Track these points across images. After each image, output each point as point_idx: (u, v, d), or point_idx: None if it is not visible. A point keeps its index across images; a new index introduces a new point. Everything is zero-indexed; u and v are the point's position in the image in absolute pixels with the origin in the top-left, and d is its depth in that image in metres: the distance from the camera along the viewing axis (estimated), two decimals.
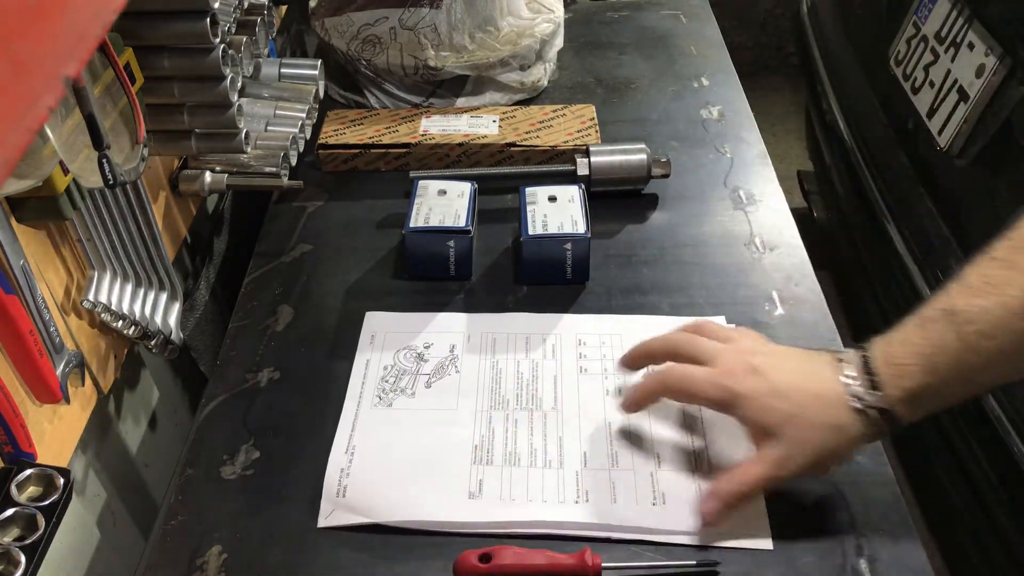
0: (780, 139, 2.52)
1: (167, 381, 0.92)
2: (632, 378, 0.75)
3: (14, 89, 0.24)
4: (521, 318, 0.84)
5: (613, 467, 0.70)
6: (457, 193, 0.90)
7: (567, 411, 0.75)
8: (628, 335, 0.81)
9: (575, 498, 0.68)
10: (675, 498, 0.67)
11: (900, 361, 0.60)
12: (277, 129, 0.93)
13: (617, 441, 0.72)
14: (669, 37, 1.30)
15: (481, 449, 0.72)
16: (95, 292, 0.71)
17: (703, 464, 0.70)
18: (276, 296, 0.88)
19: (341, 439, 0.73)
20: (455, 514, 0.67)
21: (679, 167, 1.01)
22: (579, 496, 0.68)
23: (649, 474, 0.69)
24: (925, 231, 1.37)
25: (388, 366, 0.80)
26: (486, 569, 0.61)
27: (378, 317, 0.85)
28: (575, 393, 0.76)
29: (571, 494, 0.68)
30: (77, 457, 0.72)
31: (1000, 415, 1.13)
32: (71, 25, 0.27)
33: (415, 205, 0.88)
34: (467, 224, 0.86)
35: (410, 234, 0.86)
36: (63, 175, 0.62)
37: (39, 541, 0.57)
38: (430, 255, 0.87)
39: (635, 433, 0.73)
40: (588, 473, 0.70)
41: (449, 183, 0.91)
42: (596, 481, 0.69)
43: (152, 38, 0.73)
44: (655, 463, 0.70)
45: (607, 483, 0.69)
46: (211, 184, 0.89)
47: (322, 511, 0.68)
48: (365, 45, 1.08)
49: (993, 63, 1.23)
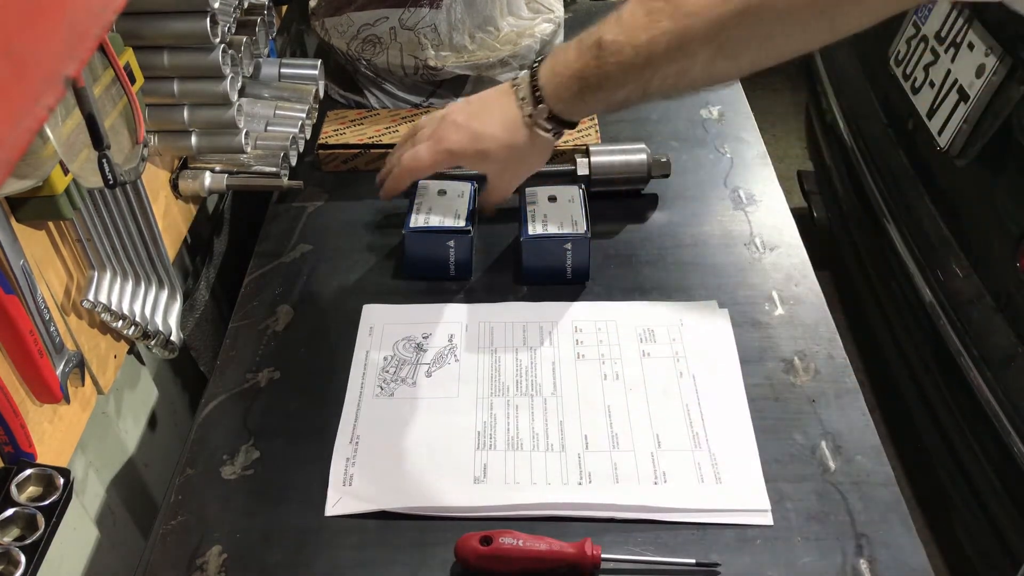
0: (780, 139, 2.52)
1: (167, 381, 0.92)
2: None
3: (14, 89, 0.24)
4: (518, 307, 0.85)
5: (614, 449, 0.72)
6: (457, 193, 0.90)
7: (566, 396, 0.76)
8: (623, 321, 0.83)
9: (578, 480, 0.69)
10: (676, 477, 0.69)
11: (559, 73, 0.74)
12: (277, 129, 0.92)
13: (617, 423, 0.74)
14: None
15: (484, 435, 0.73)
16: (95, 292, 0.71)
17: (702, 443, 0.72)
18: (276, 296, 0.88)
19: (345, 429, 0.74)
20: (461, 499, 0.68)
21: (679, 167, 1.01)
22: (582, 478, 0.69)
23: (650, 454, 0.71)
24: (925, 231, 1.37)
25: (388, 357, 0.80)
26: (487, 551, 0.62)
27: (376, 309, 0.85)
28: (573, 378, 0.78)
29: (574, 476, 0.70)
30: (77, 457, 0.72)
31: (1000, 415, 1.13)
32: (71, 25, 0.27)
33: (415, 205, 0.89)
34: (467, 224, 0.86)
35: (410, 234, 0.86)
36: (63, 175, 0.62)
37: (39, 541, 0.57)
38: (430, 255, 0.87)
39: (635, 415, 0.74)
40: (590, 455, 0.71)
41: (449, 183, 0.91)
42: (598, 463, 0.70)
43: (152, 38, 0.73)
44: (655, 443, 0.72)
45: (609, 464, 0.70)
46: (211, 184, 0.89)
47: (329, 500, 0.69)
48: (365, 45, 1.08)
49: (993, 63, 1.23)
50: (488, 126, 0.78)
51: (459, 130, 0.79)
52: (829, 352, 0.80)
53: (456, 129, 0.79)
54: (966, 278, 1.24)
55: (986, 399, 1.16)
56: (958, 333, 1.24)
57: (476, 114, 0.80)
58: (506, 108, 0.78)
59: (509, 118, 0.77)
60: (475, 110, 0.80)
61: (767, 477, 0.69)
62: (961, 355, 1.23)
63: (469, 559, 0.63)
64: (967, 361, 1.21)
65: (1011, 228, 1.15)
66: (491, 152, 0.79)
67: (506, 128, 0.78)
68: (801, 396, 0.76)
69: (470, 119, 0.79)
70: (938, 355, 1.31)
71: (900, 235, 1.44)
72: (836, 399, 0.76)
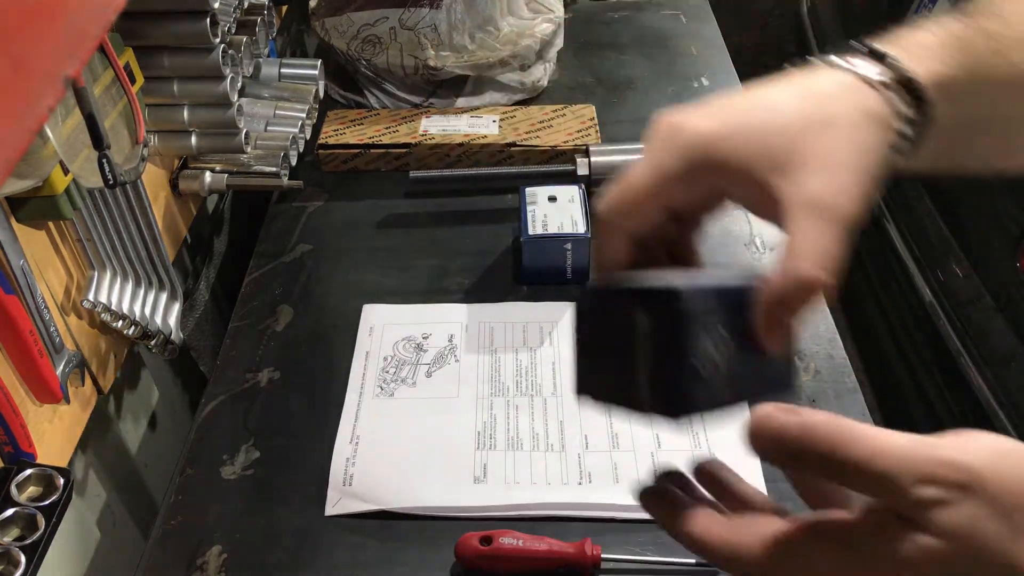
0: None
1: (167, 381, 0.92)
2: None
3: (14, 89, 0.24)
4: (517, 307, 0.85)
5: (614, 449, 0.72)
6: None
7: (567, 396, 0.76)
8: None
9: (578, 480, 0.69)
10: None
11: (922, 42, 0.43)
12: (277, 129, 0.92)
13: (617, 423, 0.74)
14: (669, 37, 1.30)
15: (484, 435, 0.73)
16: (95, 292, 0.71)
17: (702, 443, 0.72)
18: (276, 296, 0.88)
19: (345, 429, 0.74)
20: (461, 499, 0.68)
21: None
22: (582, 478, 0.70)
23: (650, 454, 0.71)
24: (925, 231, 1.37)
25: (388, 357, 0.80)
26: (487, 551, 0.63)
27: (376, 309, 0.85)
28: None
29: (574, 476, 0.70)
30: (77, 457, 0.72)
31: (1000, 415, 1.13)
32: (71, 25, 0.27)
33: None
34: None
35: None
36: (63, 175, 0.62)
37: (39, 541, 0.57)
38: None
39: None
40: (590, 455, 0.71)
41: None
42: (598, 463, 0.71)
43: (152, 38, 0.73)
44: (655, 443, 0.72)
45: (609, 464, 0.70)
46: (211, 184, 0.89)
47: (329, 500, 0.69)
48: (365, 45, 1.08)
49: None
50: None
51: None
52: (829, 352, 0.80)
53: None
54: (966, 278, 1.24)
55: (986, 399, 1.16)
56: (958, 333, 1.24)
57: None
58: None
59: None
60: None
61: (767, 477, 0.69)
62: (961, 355, 1.23)
63: (469, 559, 0.63)
64: (967, 361, 1.21)
65: (1011, 228, 1.15)
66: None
67: None
68: (801, 396, 0.76)
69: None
70: (938, 355, 1.31)
71: (900, 235, 1.44)
72: (836, 399, 0.76)
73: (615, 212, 0.40)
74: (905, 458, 0.32)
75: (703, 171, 0.39)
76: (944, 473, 0.32)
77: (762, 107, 0.39)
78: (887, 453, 0.32)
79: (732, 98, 0.40)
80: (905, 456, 0.32)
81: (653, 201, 0.40)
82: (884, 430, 0.33)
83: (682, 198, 0.40)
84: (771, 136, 0.38)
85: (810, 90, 0.40)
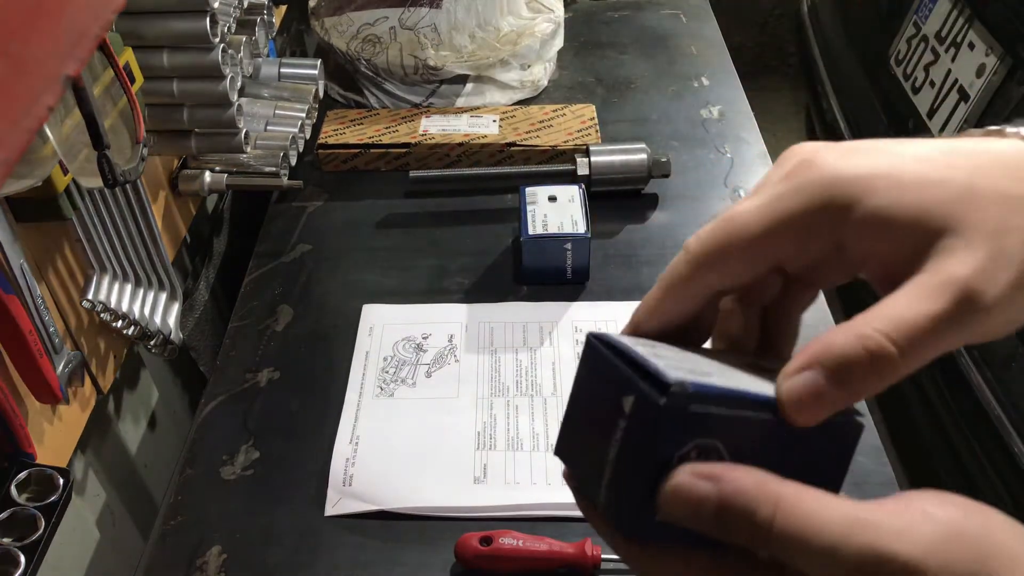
0: (780, 139, 2.52)
1: (167, 381, 0.92)
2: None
3: (14, 89, 0.24)
4: (517, 307, 0.85)
5: None
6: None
7: (567, 396, 0.75)
8: (623, 321, 0.81)
9: None
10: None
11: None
12: (277, 129, 0.92)
13: None
14: (669, 37, 1.30)
15: (484, 435, 0.73)
16: (95, 292, 0.71)
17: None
18: (276, 296, 0.88)
19: (345, 429, 0.74)
20: (461, 499, 0.68)
21: (679, 167, 1.01)
22: None
23: None
24: None
25: (388, 357, 0.80)
26: (487, 551, 0.63)
27: (376, 309, 0.85)
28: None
29: None
30: (77, 457, 0.72)
31: (1000, 415, 1.13)
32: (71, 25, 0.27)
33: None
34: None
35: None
36: (63, 175, 0.62)
37: (39, 541, 0.57)
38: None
39: None
40: None
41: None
42: None
43: (152, 38, 0.73)
44: None
45: None
46: (211, 184, 0.89)
47: (328, 500, 0.69)
48: (365, 45, 1.08)
49: (993, 63, 1.23)
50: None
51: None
52: None
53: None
54: None
55: (986, 399, 1.16)
56: None
57: None
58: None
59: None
60: None
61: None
62: (961, 355, 1.23)
63: (469, 559, 0.63)
64: (967, 361, 1.21)
65: None
66: None
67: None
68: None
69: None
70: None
71: None
72: None
73: (709, 254, 0.32)
74: (837, 546, 0.27)
75: (834, 219, 0.31)
76: (881, 572, 0.27)
77: (917, 157, 0.32)
78: (821, 532, 0.28)
79: (877, 142, 0.33)
80: (838, 542, 0.27)
81: (761, 247, 0.32)
82: (821, 497, 0.28)
83: (794, 251, 0.32)
84: (927, 189, 0.31)
85: (980, 151, 0.32)
